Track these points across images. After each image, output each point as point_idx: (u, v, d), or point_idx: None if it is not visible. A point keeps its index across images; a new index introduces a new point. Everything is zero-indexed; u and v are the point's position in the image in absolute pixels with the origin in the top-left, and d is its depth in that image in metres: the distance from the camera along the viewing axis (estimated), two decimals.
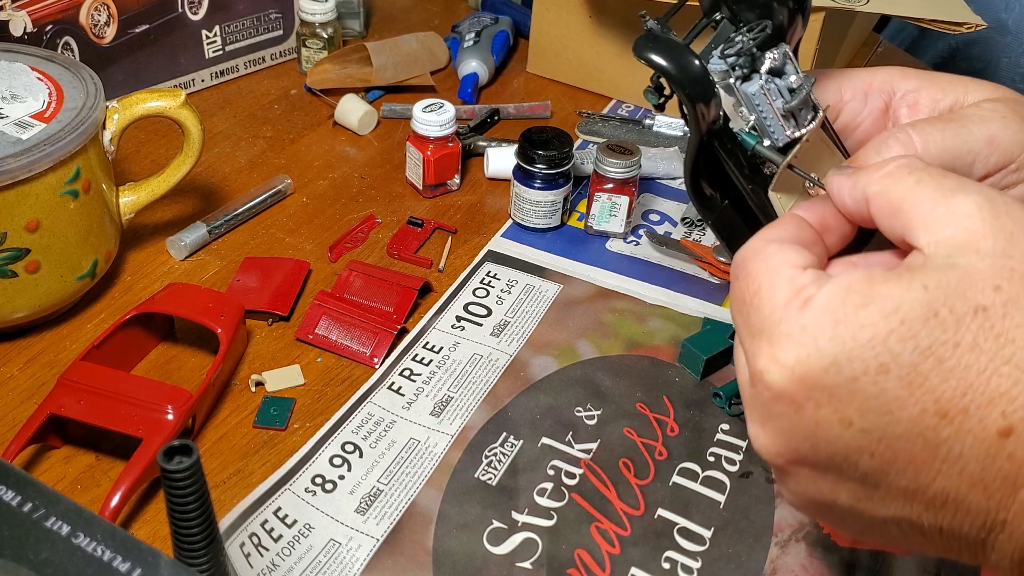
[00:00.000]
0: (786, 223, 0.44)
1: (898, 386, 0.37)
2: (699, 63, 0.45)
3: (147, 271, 0.78)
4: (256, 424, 0.65)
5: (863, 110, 0.50)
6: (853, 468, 0.39)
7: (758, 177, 0.47)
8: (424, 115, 0.85)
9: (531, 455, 0.64)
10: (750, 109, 0.46)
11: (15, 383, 0.67)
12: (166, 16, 0.94)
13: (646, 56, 0.45)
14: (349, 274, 0.75)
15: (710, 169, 0.48)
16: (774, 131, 0.46)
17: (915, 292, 0.37)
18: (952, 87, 0.49)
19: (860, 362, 0.37)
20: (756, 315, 0.40)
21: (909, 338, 0.36)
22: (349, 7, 1.11)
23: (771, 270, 0.41)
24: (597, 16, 1.01)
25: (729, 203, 0.48)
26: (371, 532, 0.59)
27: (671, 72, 0.44)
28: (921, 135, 0.45)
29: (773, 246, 0.42)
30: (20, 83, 0.69)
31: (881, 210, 0.41)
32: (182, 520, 0.39)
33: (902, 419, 0.37)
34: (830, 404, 0.38)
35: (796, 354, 0.38)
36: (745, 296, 0.41)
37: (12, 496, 0.38)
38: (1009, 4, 1.22)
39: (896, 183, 0.40)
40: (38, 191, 0.64)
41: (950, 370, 0.36)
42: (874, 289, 0.37)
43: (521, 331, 0.74)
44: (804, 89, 0.45)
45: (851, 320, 0.37)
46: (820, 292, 0.39)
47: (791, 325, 0.39)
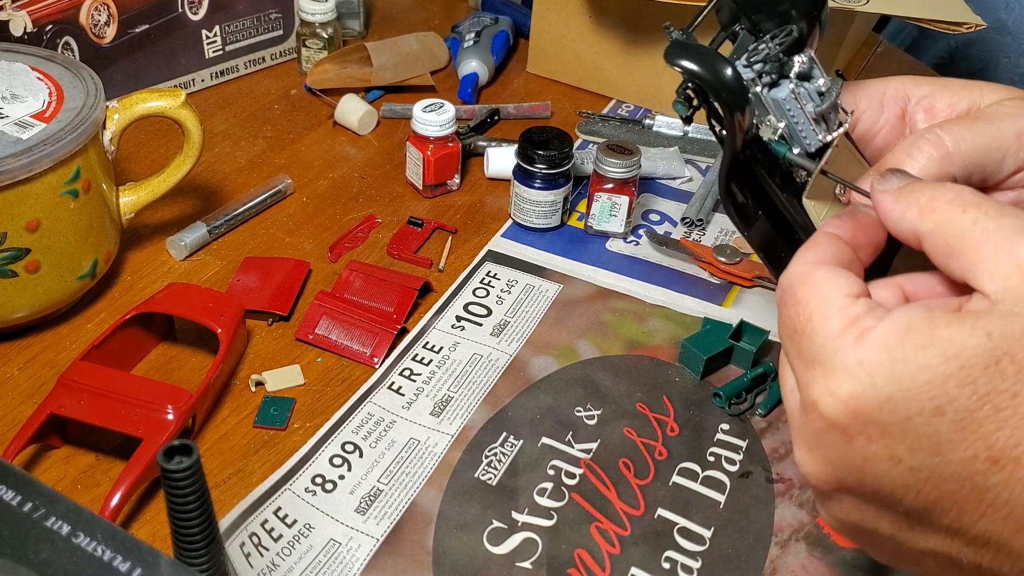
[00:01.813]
0: (823, 243, 0.44)
1: (952, 429, 0.37)
2: (733, 69, 0.44)
3: (147, 271, 0.78)
4: (256, 424, 0.65)
5: (880, 118, 0.51)
6: (898, 503, 0.39)
7: (789, 186, 0.46)
8: (424, 115, 0.85)
9: (531, 455, 0.64)
10: (780, 115, 0.45)
11: (15, 383, 0.67)
12: (166, 16, 0.94)
13: (680, 63, 0.44)
14: (349, 274, 0.75)
15: (742, 180, 0.47)
16: (806, 136, 0.45)
17: (978, 339, 0.36)
18: (966, 91, 0.49)
19: (916, 403, 0.37)
20: (809, 344, 0.40)
21: (968, 384, 0.36)
22: (349, 7, 1.11)
23: (822, 299, 0.40)
24: (597, 16, 1.01)
25: (763, 214, 0.48)
26: (371, 532, 0.59)
27: (707, 78, 0.43)
28: (950, 134, 0.45)
29: (821, 272, 0.41)
30: (20, 83, 0.69)
31: (937, 249, 0.40)
32: (182, 520, 0.39)
33: (952, 461, 0.37)
34: (882, 440, 0.38)
35: (851, 388, 0.38)
36: (796, 324, 0.41)
37: (12, 496, 0.38)
38: (1009, 4, 1.22)
39: (951, 223, 0.39)
40: (38, 191, 0.64)
41: (1006, 419, 0.36)
42: (936, 331, 0.37)
43: (521, 331, 0.74)
44: (833, 92, 0.45)
45: (910, 360, 0.37)
46: (878, 327, 0.38)
47: (847, 358, 0.38)
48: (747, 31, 0.47)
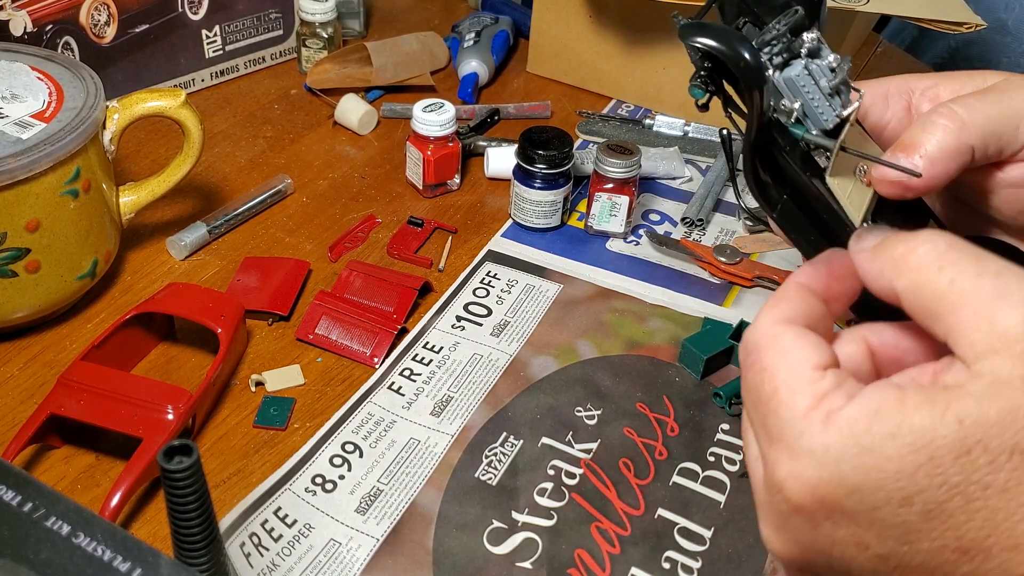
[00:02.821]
0: (793, 297, 0.42)
1: (921, 519, 0.36)
2: (750, 43, 0.44)
3: (147, 271, 0.78)
4: (256, 424, 0.65)
5: (887, 112, 0.51)
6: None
7: (810, 167, 0.47)
8: (424, 115, 0.85)
9: (531, 455, 0.64)
10: (794, 95, 0.45)
11: (15, 383, 0.67)
12: (166, 16, 0.94)
13: (697, 40, 0.43)
14: (349, 274, 0.75)
15: (764, 163, 0.47)
16: (823, 112, 0.45)
17: (949, 427, 0.35)
18: (969, 78, 0.50)
19: (884, 493, 0.36)
20: (775, 420, 0.39)
21: (937, 475, 0.35)
22: (349, 7, 1.11)
23: (790, 370, 0.39)
24: (597, 16, 1.01)
25: (788, 197, 0.48)
26: (371, 532, 0.59)
27: (726, 52, 0.43)
28: (963, 106, 0.45)
29: (788, 337, 0.40)
30: (20, 83, 0.69)
31: (916, 309, 0.39)
32: (182, 520, 0.39)
33: (921, 550, 0.37)
34: (849, 527, 0.37)
35: (818, 475, 0.37)
36: (761, 394, 0.40)
37: (12, 496, 0.38)
38: (1009, 4, 1.22)
39: (927, 282, 0.38)
40: (38, 191, 0.64)
41: (976, 510, 0.35)
42: (906, 418, 0.36)
43: (521, 331, 0.74)
44: (844, 67, 0.45)
45: (878, 449, 0.36)
46: (846, 410, 0.37)
47: (812, 442, 0.37)
48: (751, 24, 0.48)
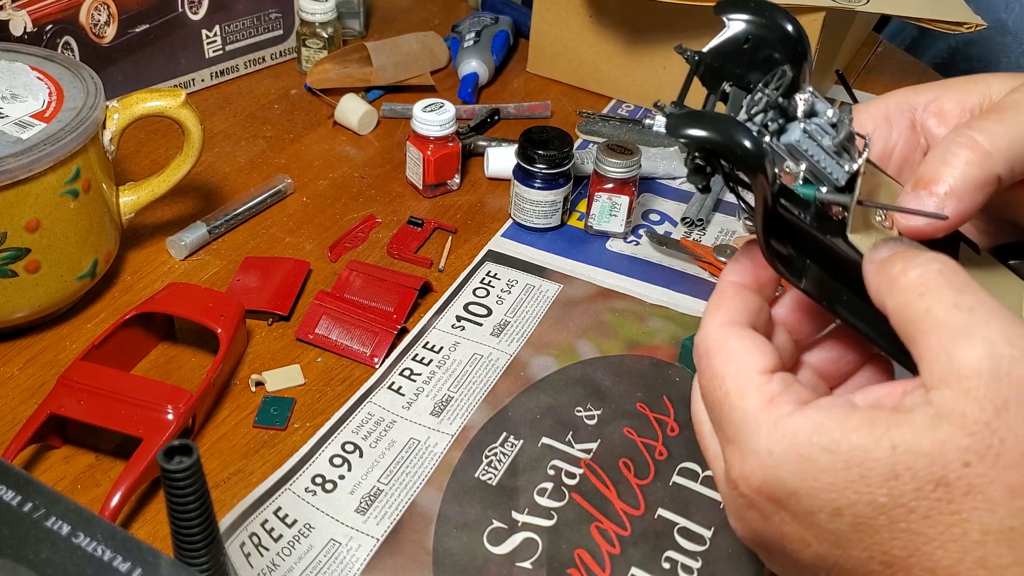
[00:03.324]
0: (731, 297, 0.44)
1: (850, 529, 0.38)
2: (743, 126, 0.41)
3: (147, 271, 0.78)
4: (256, 424, 0.65)
5: (891, 134, 0.49)
6: (814, 573, 0.42)
7: (828, 226, 0.44)
8: (424, 115, 0.85)
9: (531, 455, 0.64)
10: (799, 158, 0.43)
11: (15, 383, 0.67)
12: (166, 16, 0.94)
13: (687, 134, 0.40)
14: (349, 274, 0.75)
15: (779, 233, 0.44)
16: (831, 171, 0.43)
17: (882, 451, 0.37)
18: (972, 85, 0.48)
19: (818, 501, 0.38)
20: (728, 423, 0.42)
21: (866, 493, 0.37)
22: (349, 7, 1.11)
23: (738, 375, 0.42)
24: (597, 16, 1.01)
25: (813, 263, 0.45)
26: (371, 532, 0.59)
27: (720, 142, 0.40)
28: (983, 132, 0.43)
29: (733, 342, 0.42)
30: (20, 83, 0.69)
31: (898, 329, 0.40)
32: (182, 520, 0.39)
33: (852, 556, 0.39)
34: (793, 524, 0.40)
35: (763, 476, 0.40)
36: (715, 398, 0.42)
37: (12, 496, 0.38)
38: (1009, 4, 1.22)
39: (909, 306, 0.39)
40: (38, 191, 0.64)
41: (901, 531, 0.37)
42: (845, 436, 0.38)
43: (521, 331, 0.74)
44: (846, 120, 0.43)
45: (814, 460, 0.38)
46: (793, 418, 0.39)
47: (759, 444, 0.40)
48: (736, 87, 0.45)
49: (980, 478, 0.36)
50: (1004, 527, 0.36)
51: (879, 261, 0.41)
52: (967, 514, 0.36)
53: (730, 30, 0.45)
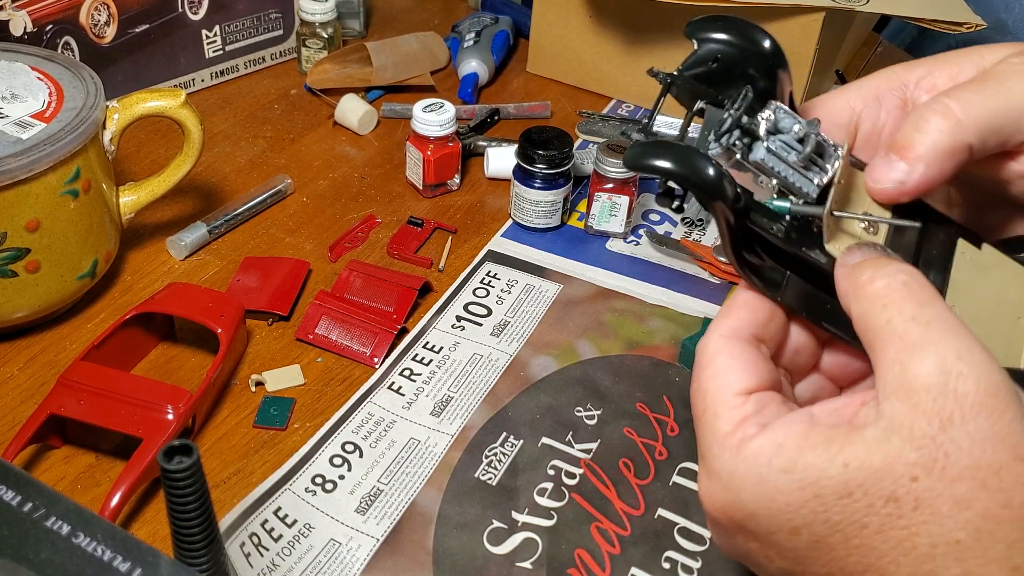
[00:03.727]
0: (740, 307, 0.45)
1: (808, 547, 0.39)
2: (701, 155, 0.42)
3: (147, 271, 0.78)
4: (256, 424, 0.65)
5: (881, 113, 0.49)
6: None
7: (805, 239, 0.44)
8: (424, 115, 0.85)
9: (531, 455, 0.64)
10: (768, 175, 0.43)
11: (15, 383, 0.67)
12: (166, 16, 0.94)
13: (649, 166, 0.42)
14: (349, 274, 0.75)
15: (756, 247, 0.45)
16: (801, 185, 0.43)
17: (835, 469, 0.38)
18: (965, 58, 0.47)
19: (776, 521, 0.40)
20: (702, 439, 0.43)
21: (821, 512, 0.38)
22: (349, 7, 1.11)
23: (717, 393, 0.43)
24: (597, 16, 1.01)
25: (792, 272, 0.45)
26: (371, 532, 0.59)
27: (681, 174, 0.41)
28: (959, 102, 0.43)
29: (722, 358, 0.43)
30: (20, 83, 0.69)
31: (861, 336, 0.41)
32: (182, 520, 0.39)
33: (811, 572, 0.40)
34: (755, 542, 0.42)
35: (724, 499, 0.41)
36: (695, 412, 0.44)
37: (12, 496, 0.38)
38: (1009, 4, 1.22)
39: (872, 314, 0.40)
40: (38, 191, 0.64)
41: (855, 547, 0.38)
42: (801, 456, 0.39)
43: (521, 331, 0.74)
44: (812, 134, 0.43)
45: (772, 482, 0.39)
46: (756, 440, 0.40)
47: (723, 467, 0.41)
48: (711, 104, 0.46)
49: (927, 492, 0.37)
50: (951, 540, 0.37)
51: (849, 265, 0.42)
52: (916, 528, 0.37)
53: (700, 50, 0.45)
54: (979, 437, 0.36)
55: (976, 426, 0.36)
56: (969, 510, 0.36)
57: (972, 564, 0.36)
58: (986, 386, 0.37)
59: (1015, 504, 0.36)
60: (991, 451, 0.36)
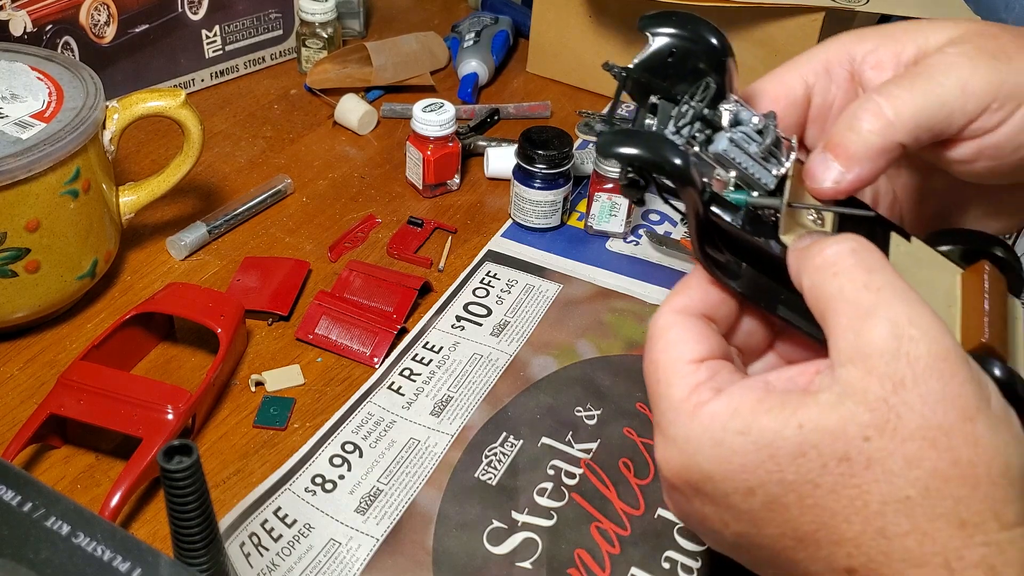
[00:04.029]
0: (693, 285, 0.46)
1: (763, 508, 0.40)
2: (671, 143, 0.43)
3: (147, 271, 0.78)
4: (256, 424, 0.65)
5: (831, 87, 0.49)
6: (734, 552, 0.44)
7: (761, 229, 0.45)
8: (424, 115, 0.85)
9: (531, 455, 0.64)
10: (728, 166, 0.44)
11: (15, 383, 0.67)
12: (166, 16, 0.94)
13: (622, 153, 0.42)
14: (349, 274, 0.75)
15: (714, 238, 0.46)
16: (760, 176, 0.44)
17: (790, 430, 0.39)
18: (910, 36, 0.48)
19: (731, 483, 0.40)
20: (656, 408, 0.44)
21: (775, 472, 0.39)
22: (349, 7, 1.11)
23: (669, 365, 0.43)
24: (597, 16, 1.01)
25: (748, 265, 0.46)
26: (371, 532, 0.59)
27: (649, 159, 0.42)
28: (890, 100, 0.44)
29: (675, 331, 0.44)
30: (20, 83, 0.69)
31: (812, 307, 0.42)
32: (182, 520, 0.39)
33: (766, 534, 0.41)
34: (711, 506, 0.42)
35: (681, 462, 0.42)
36: (648, 383, 0.45)
37: (12, 496, 0.38)
38: (1009, 4, 1.22)
39: (823, 284, 0.41)
40: (38, 191, 0.64)
41: (809, 507, 0.39)
42: (757, 419, 0.40)
43: (521, 331, 0.74)
44: (771, 126, 0.44)
45: (727, 444, 0.40)
46: (710, 404, 0.41)
47: (678, 431, 0.42)
48: (664, 99, 0.47)
49: (879, 451, 0.38)
50: (901, 497, 0.38)
51: (800, 248, 0.43)
52: (868, 486, 0.38)
53: (654, 45, 0.46)
54: (930, 399, 0.37)
55: (928, 388, 0.37)
56: (919, 468, 0.37)
57: (921, 520, 0.37)
58: (937, 350, 0.38)
59: (962, 462, 0.37)
60: (941, 412, 0.37)
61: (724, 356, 0.45)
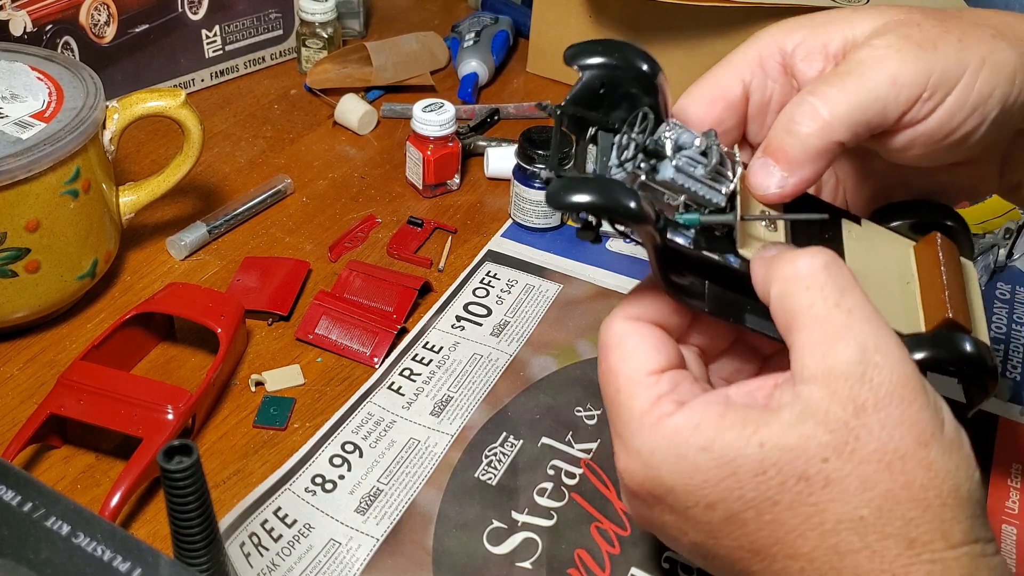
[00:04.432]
0: (642, 292, 0.46)
1: (722, 522, 0.41)
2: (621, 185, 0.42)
3: (147, 271, 0.78)
4: (256, 424, 0.65)
5: (767, 82, 0.50)
6: (691, 556, 0.46)
7: (718, 245, 0.46)
8: (424, 115, 0.85)
9: (531, 455, 0.64)
10: (678, 192, 0.44)
11: (15, 383, 0.67)
12: (166, 16, 0.94)
13: (575, 203, 0.41)
14: (349, 274, 0.75)
15: (674, 264, 0.45)
16: (711, 197, 0.44)
17: (751, 448, 0.40)
18: (836, 27, 0.48)
19: (693, 497, 0.41)
20: (617, 418, 0.44)
21: (736, 489, 0.40)
22: (349, 7, 1.11)
23: (629, 375, 0.44)
24: (597, 16, 1.01)
25: (711, 283, 0.46)
26: (371, 532, 0.59)
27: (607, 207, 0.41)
28: (824, 100, 0.45)
29: (631, 340, 0.45)
30: (20, 83, 0.69)
31: (777, 317, 0.42)
32: (182, 520, 0.39)
33: (723, 546, 0.42)
34: (671, 515, 0.43)
35: (644, 473, 0.43)
36: (608, 393, 0.45)
37: (12, 496, 0.38)
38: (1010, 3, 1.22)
39: (793, 295, 0.41)
40: (38, 191, 0.64)
41: (767, 522, 0.40)
42: (719, 435, 0.40)
43: (521, 331, 0.74)
44: (713, 145, 0.44)
45: (690, 459, 0.41)
46: (673, 417, 0.42)
47: (642, 444, 0.42)
48: (602, 130, 0.47)
49: (836, 472, 0.39)
50: (855, 516, 0.39)
51: (767, 257, 0.44)
52: (824, 505, 0.39)
53: (584, 78, 0.46)
54: (888, 424, 0.39)
55: (887, 414, 0.39)
56: (873, 490, 0.39)
57: (872, 539, 0.39)
58: (899, 377, 0.39)
59: (915, 486, 0.39)
60: (898, 437, 0.39)
61: (680, 365, 0.45)
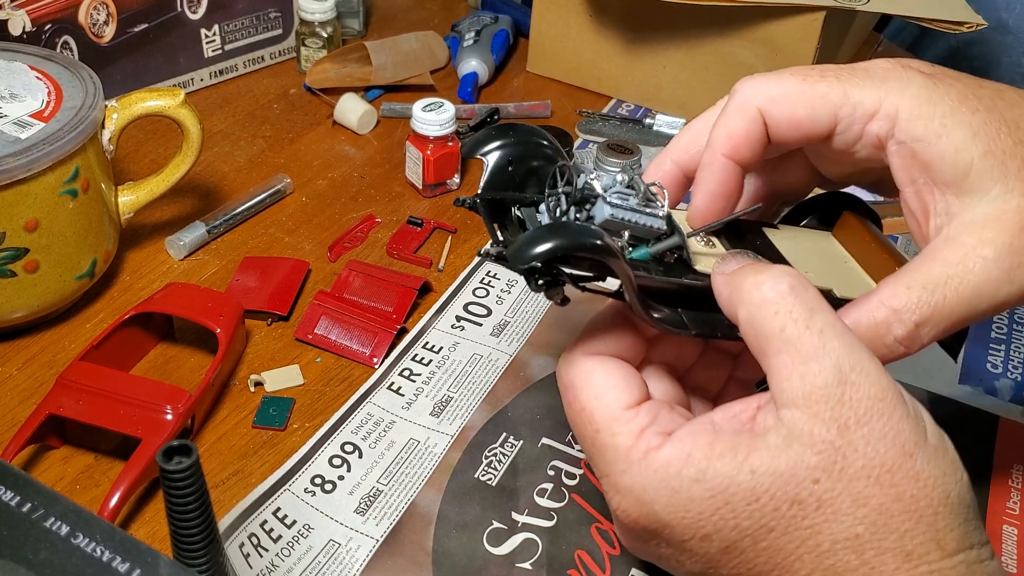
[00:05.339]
0: (599, 326, 0.47)
1: (719, 552, 0.42)
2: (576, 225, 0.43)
3: (146, 271, 0.78)
4: (255, 424, 0.65)
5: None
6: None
7: (674, 270, 0.46)
8: (424, 114, 0.84)
9: (531, 455, 0.64)
10: (619, 228, 0.45)
11: (14, 383, 0.67)
12: (165, 15, 0.94)
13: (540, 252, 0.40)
14: (348, 274, 0.75)
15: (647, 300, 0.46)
16: (651, 224, 0.45)
17: (743, 476, 0.40)
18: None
19: (689, 530, 0.42)
20: (601, 458, 0.45)
21: (731, 518, 0.41)
22: (348, 6, 1.11)
23: (606, 413, 0.44)
24: (597, 16, 1.01)
25: (684, 308, 0.47)
26: (371, 532, 0.59)
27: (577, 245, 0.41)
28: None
29: (598, 375, 0.45)
30: (19, 82, 0.69)
31: (749, 341, 0.43)
32: (181, 520, 0.39)
33: (720, 572, 0.43)
34: (667, 548, 0.44)
35: (639, 511, 0.43)
36: (585, 434, 0.45)
37: (11, 496, 0.38)
38: (1010, 3, 1.22)
39: (764, 321, 0.42)
40: (37, 191, 0.64)
41: (763, 549, 0.41)
42: (711, 465, 0.41)
43: (521, 331, 0.74)
44: (636, 176, 0.45)
45: (684, 492, 0.41)
46: (662, 451, 0.42)
47: (633, 481, 0.43)
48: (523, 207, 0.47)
49: (828, 492, 0.40)
50: (851, 534, 0.40)
51: (728, 273, 0.44)
52: (819, 527, 0.40)
53: (490, 163, 0.47)
54: (872, 438, 0.40)
55: (870, 428, 0.40)
56: (866, 506, 0.39)
57: (869, 555, 0.39)
58: (876, 391, 0.40)
59: (905, 497, 0.39)
60: (883, 450, 0.40)
61: (648, 396, 0.46)
